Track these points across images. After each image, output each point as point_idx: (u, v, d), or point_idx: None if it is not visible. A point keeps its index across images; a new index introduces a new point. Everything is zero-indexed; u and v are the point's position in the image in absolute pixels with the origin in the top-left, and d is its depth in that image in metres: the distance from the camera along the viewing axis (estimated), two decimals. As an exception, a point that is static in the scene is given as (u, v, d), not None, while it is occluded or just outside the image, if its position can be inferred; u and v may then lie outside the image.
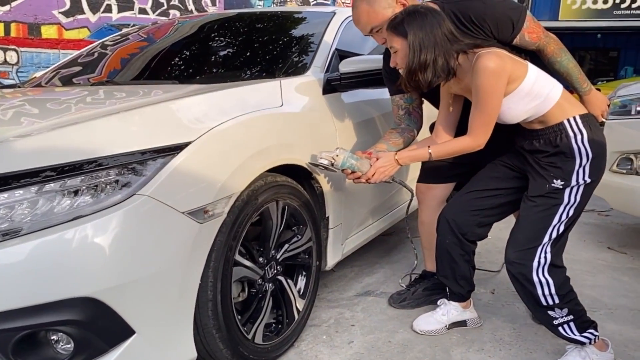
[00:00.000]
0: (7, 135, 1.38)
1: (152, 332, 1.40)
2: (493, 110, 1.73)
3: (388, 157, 1.97)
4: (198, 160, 1.51)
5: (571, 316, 1.77)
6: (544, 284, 1.75)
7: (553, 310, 1.77)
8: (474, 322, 2.15)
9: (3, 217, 1.24)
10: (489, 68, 1.67)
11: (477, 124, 1.78)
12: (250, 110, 1.79)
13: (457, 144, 1.88)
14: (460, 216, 1.98)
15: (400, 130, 2.19)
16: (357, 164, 1.94)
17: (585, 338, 1.78)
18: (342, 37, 2.51)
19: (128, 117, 1.53)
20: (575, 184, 1.73)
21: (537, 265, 1.75)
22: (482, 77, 1.68)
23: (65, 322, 1.26)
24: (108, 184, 1.34)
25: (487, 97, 1.71)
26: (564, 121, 1.74)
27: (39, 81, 2.75)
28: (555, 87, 1.76)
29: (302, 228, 1.98)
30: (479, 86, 1.70)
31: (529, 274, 1.75)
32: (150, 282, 1.37)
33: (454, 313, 2.12)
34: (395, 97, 2.22)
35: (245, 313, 1.77)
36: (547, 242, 1.75)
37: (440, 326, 2.10)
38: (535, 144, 1.80)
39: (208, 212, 1.50)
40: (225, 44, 2.72)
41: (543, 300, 1.76)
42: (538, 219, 1.77)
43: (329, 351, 1.95)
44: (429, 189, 2.32)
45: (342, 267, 2.79)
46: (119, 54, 2.85)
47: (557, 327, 1.79)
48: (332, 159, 1.91)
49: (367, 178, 1.96)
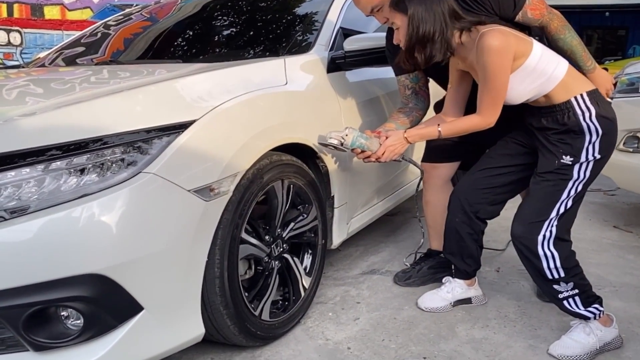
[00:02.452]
0: (12, 114, 1.39)
1: (160, 308, 1.41)
2: (501, 88, 1.71)
3: (397, 136, 1.96)
4: (203, 138, 1.51)
5: (576, 290, 1.77)
6: (549, 257, 1.75)
7: (558, 284, 1.77)
8: (478, 299, 2.16)
9: (10, 196, 1.25)
10: (493, 46, 1.65)
11: (485, 103, 1.77)
12: (254, 89, 1.78)
13: (467, 122, 1.87)
14: (472, 194, 1.98)
15: (407, 110, 2.18)
16: (366, 143, 1.93)
17: (590, 313, 1.78)
18: (346, 15, 2.49)
19: (132, 96, 1.53)
20: (585, 160, 1.73)
21: (543, 238, 1.75)
22: (486, 55, 1.66)
23: (74, 298, 1.28)
24: (114, 162, 1.35)
25: (494, 76, 1.69)
26: (571, 99, 1.72)
27: (43, 62, 2.75)
28: (561, 64, 1.74)
29: (307, 207, 1.99)
30: (484, 65, 1.69)
31: (534, 247, 1.76)
32: (157, 259, 1.38)
33: (458, 290, 2.13)
34: (400, 77, 2.21)
35: (252, 290, 1.79)
36: (554, 217, 1.75)
37: (444, 303, 2.11)
38: (543, 122, 1.79)
39: (214, 190, 1.51)
40: (228, 22, 2.70)
41: (548, 274, 1.76)
42: (546, 194, 1.76)
43: (335, 327, 1.97)
44: (433, 168, 2.32)
45: (348, 246, 2.81)
46: (122, 34, 2.83)
47: (562, 300, 1.79)
48: (342, 139, 1.90)
49: (377, 157, 1.96)
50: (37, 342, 1.28)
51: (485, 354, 1.80)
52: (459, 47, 1.78)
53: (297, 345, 1.85)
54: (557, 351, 1.78)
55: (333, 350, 1.82)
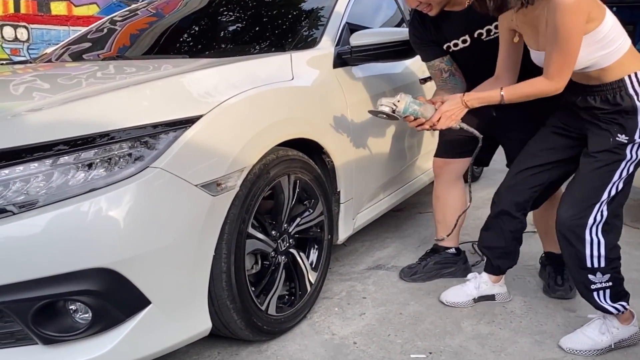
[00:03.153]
0: (20, 110, 1.39)
1: (167, 302, 1.42)
2: (574, 49, 1.58)
3: (455, 100, 1.83)
4: (210, 133, 1.51)
5: (610, 283, 1.71)
6: (594, 244, 1.68)
7: (594, 274, 1.70)
8: (502, 297, 2.12)
9: (19, 190, 1.26)
10: (568, 3, 1.52)
11: (555, 65, 1.63)
12: (261, 84, 1.78)
13: (533, 86, 1.72)
14: (518, 194, 1.92)
15: (449, 89, 2.11)
16: (420, 110, 1.83)
17: (615, 309, 1.73)
18: (352, 10, 2.48)
19: (139, 91, 1.53)
20: (639, 139, 1.64)
21: (593, 222, 1.67)
22: (562, 13, 1.53)
23: (82, 292, 1.29)
24: (121, 157, 1.35)
25: (568, 36, 1.55)
26: (624, 77, 1.63)
27: (50, 57, 2.76)
28: (626, 40, 1.63)
29: (313, 202, 1.99)
30: (557, 24, 1.55)
31: (581, 232, 1.68)
32: (164, 253, 1.39)
33: (483, 287, 2.10)
34: (435, 62, 2.15)
35: (259, 285, 1.79)
36: (605, 200, 1.67)
37: (467, 299, 2.09)
38: (590, 101, 1.69)
39: (221, 185, 1.51)
40: (234, 17, 2.69)
41: (588, 262, 1.69)
42: (597, 176, 1.68)
43: (341, 322, 1.97)
44: (446, 164, 2.31)
45: (354, 241, 2.81)
46: (128, 29, 2.84)
47: (593, 292, 1.72)
48: (393, 105, 1.82)
49: (432, 124, 1.86)
50: (46, 336, 1.30)
51: (491, 349, 1.80)
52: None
53: (304, 339, 1.86)
54: (567, 344, 1.77)
55: (339, 345, 1.82)
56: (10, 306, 1.26)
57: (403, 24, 3.08)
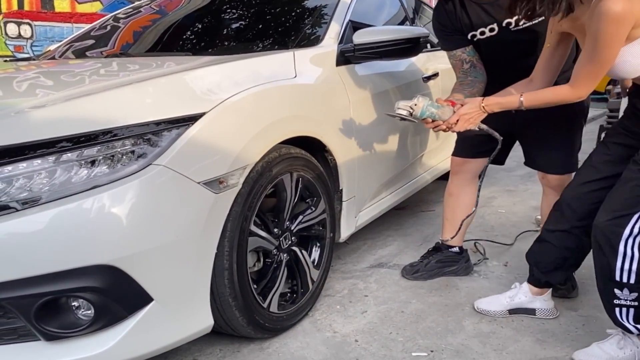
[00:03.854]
0: (23, 106, 1.40)
1: (170, 299, 1.43)
2: (607, 60, 1.52)
3: (474, 104, 1.81)
4: (212, 131, 1.51)
5: (636, 303, 1.60)
6: (627, 256, 1.57)
7: (621, 290, 1.60)
8: (545, 312, 1.96)
9: (22, 187, 1.26)
10: (613, 12, 1.43)
11: (583, 72, 1.58)
12: (263, 82, 1.78)
13: (555, 93, 1.68)
14: (580, 208, 1.78)
15: (469, 82, 2.10)
16: (438, 112, 1.81)
17: (636, 329, 1.62)
18: (356, 8, 2.48)
19: (142, 88, 1.53)
20: None
21: (629, 233, 1.56)
22: (603, 21, 1.45)
23: (85, 288, 1.29)
24: (124, 154, 1.35)
25: (604, 46, 1.49)
26: None
27: (53, 54, 2.76)
28: None
29: (315, 200, 1.99)
30: (597, 31, 1.48)
31: (615, 242, 1.57)
32: (167, 250, 1.39)
33: (522, 298, 1.98)
34: (456, 52, 2.14)
35: (261, 282, 1.80)
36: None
37: (501, 308, 1.99)
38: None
39: (223, 183, 1.52)
40: (238, 15, 2.69)
41: (617, 275, 1.59)
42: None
43: (342, 320, 1.97)
44: (465, 163, 2.31)
45: (356, 239, 2.81)
46: (131, 26, 2.84)
47: (615, 307, 1.62)
48: (410, 109, 1.80)
49: (449, 126, 1.83)
50: (49, 332, 1.30)
51: (492, 347, 1.80)
52: (577, 5, 1.56)
53: (305, 337, 1.86)
54: (580, 357, 1.70)
55: (341, 343, 1.82)
56: (13, 302, 1.27)
57: (406, 22, 3.08)
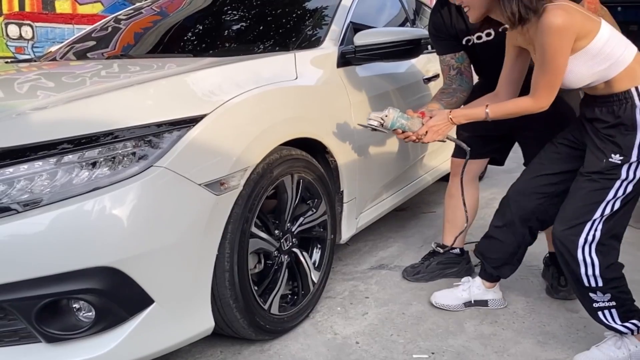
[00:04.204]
0: (25, 108, 1.40)
1: (170, 301, 1.43)
2: (559, 70, 1.58)
3: (441, 116, 1.87)
4: (213, 132, 1.52)
5: (613, 302, 1.64)
6: (588, 264, 1.62)
7: (595, 293, 1.65)
8: (496, 302, 2.07)
9: (23, 189, 1.27)
10: (554, 25, 1.51)
11: (540, 84, 1.64)
12: (264, 83, 1.78)
13: (517, 104, 1.75)
14: (524, 202, 1.87)
15: (451, 90, 2.13)
16: (407, 124, 1.86)
17: (626, 328, 1.65)
18: (357, 9, 2.48)
19: (143, 90, 1.54)
20: (636, 159, 1.58)
21: (584, 242, 1.62)
22: (547, 34, 1.53)
23: (86, 290, 1.29)
24: (125, 156, 1.35)
25: (553, 57, 1.56)
26: (631, 89, 1.57)
27: (54, 56, 2.76)
28: (629, 49, 1.59)
29: (316, 202, 1.99)
30: (543, 44, 1.56)
31: (573, 251, 1.63)
32: (168, 252, 1.39)
33: (475, 291, 2.06)
34: (446, 57, 2.16)
35: (262, 284, 1.80)
36: (598, 219, 1.61)
37: (457, 302, 2.06)
38: (597, 112, 1.65)
39: (224, 185, 1.52)
40: (238, 16, 2.69)
41: (585, 281, 1.64)
42: (590, 194, 1.63)
43: (343, 322, 1.97)
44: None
45: (356, 241, 2.81)
46: (132, 28, 2.84)
47: (597, 311, 1.66)
48: (381, 120, 1.85)
49: (419, 137, 1.89)
50: (50, 334, 1.30)
51: (493, 349, 1.80)
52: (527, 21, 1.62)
53: (306, 339, 1.86)
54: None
55: (341, 345, 1.82)
56: (14, 304, 1.27)
57: (407, 23, 3.08)
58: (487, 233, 2.02)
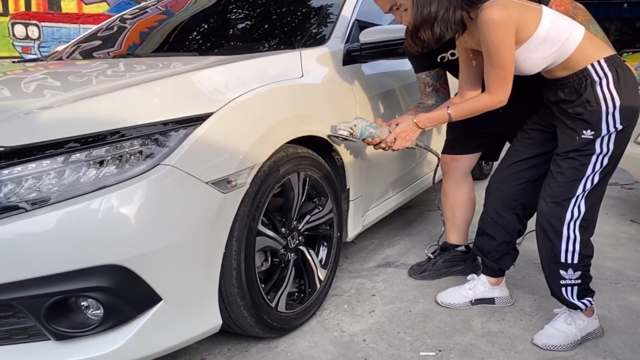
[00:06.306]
0: (32, 107, 1.40)
1: (178, 299, 1.43)
2: (506, 62, 1.64)
3: (407, 122, 1.93)
4: (220, 131, 1.52)
5: (579, 281, 1.75)
6: (570, 239, 1.71)
7: (566, 270, 1.74)
8: (503, 300, 2.08)
9: (31, 187, 1.27)
10: (492, 20, 1.58)
11: (492, 79, 1.70)
12: (270, 82, 1.78)
13: (477, 102, 1.81)
14: (506, 191, 1.93)
15: (427, 106, 2.16)
16: (376, 132, 1.93)
17: (582, 304, 1.78)
18: (362, 7, 2.47)
19: (150, 89, 1.54)
20: (606, 132, 1.63)
21: (570, 217, 1.70)
22: (487, 30, 1.60)
23: (94, 288, 1.30)
24: (132, 154, 1.36)
25: (497, 50, 1.62)
26: (587, 66, 1.63)
27: (61, 55, 2.78)
28: (576, 30, 1.63)
29: (323, 199, 1.99)
30: (486, 40, 1.62)
31: (559, 226, 1.71)
32: (175, 250, 1.39)
33: (481, 289, 2.07)
34: (421, 75, 2.19)
35: (269, 282, 1.80)
36: (580, 194, 1.69)
37: (463, 300, 2.06)
38: (560, 94, 1.70)
39: (231, 183, 1.52)
40: (244, 15, 2.70)
41: (562, 257, 1.73)
42: (570, 170, 1.69)
43: (350, 320, 1.97)
44: (454, 160, 2.31)
45: (363, 238, 2.81)
46: (138, 27, 2.85)
47: (562, 287, 1.77)
48: (351, 129, 1.90)
49: (388, 144, 1.94)
50: (58, 332, 1.31)
51: (501, 347, 1.80)
52: (469, 23, 1.71)
53: (313, 336, 1.86)
54: (542, 340, 1.79)
55: (348, 342, 1.82)
56: (23, 302, 1.27)
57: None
58: (478, 229, 2.07)
